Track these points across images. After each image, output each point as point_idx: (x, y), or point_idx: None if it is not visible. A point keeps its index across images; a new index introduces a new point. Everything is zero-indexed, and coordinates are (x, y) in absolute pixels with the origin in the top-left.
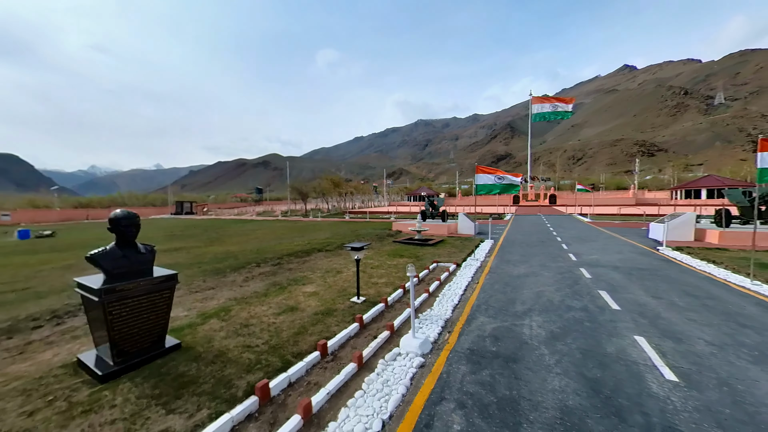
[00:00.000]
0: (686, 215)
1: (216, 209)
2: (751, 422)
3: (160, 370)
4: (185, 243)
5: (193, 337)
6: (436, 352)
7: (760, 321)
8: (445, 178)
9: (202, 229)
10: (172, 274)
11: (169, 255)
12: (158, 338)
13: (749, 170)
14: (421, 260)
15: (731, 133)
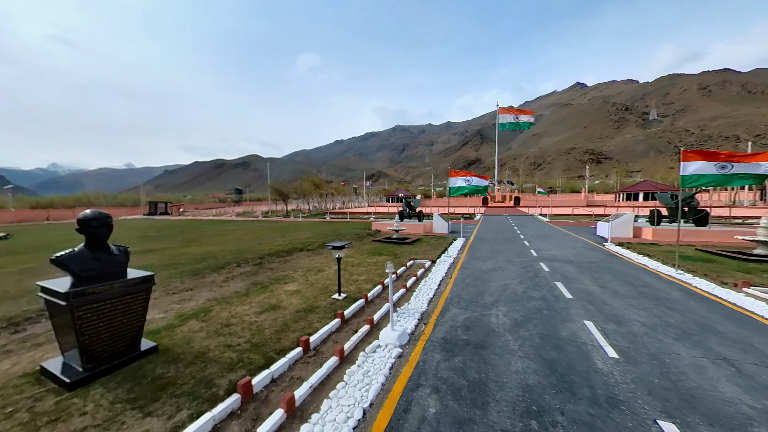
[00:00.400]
0: (626, 215)
1: (193, 210)
2: (674, 389)
3: (135, 374)
4: (160, 244)
5: (171, 339)
6: (413, 343)
7: (682, 304)
8: (421, 180)
9: (179, 230)
10: (148, 276)
11: (143, 256)
12: (133, 341)
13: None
14: (399, 258)
15: (662, 144)
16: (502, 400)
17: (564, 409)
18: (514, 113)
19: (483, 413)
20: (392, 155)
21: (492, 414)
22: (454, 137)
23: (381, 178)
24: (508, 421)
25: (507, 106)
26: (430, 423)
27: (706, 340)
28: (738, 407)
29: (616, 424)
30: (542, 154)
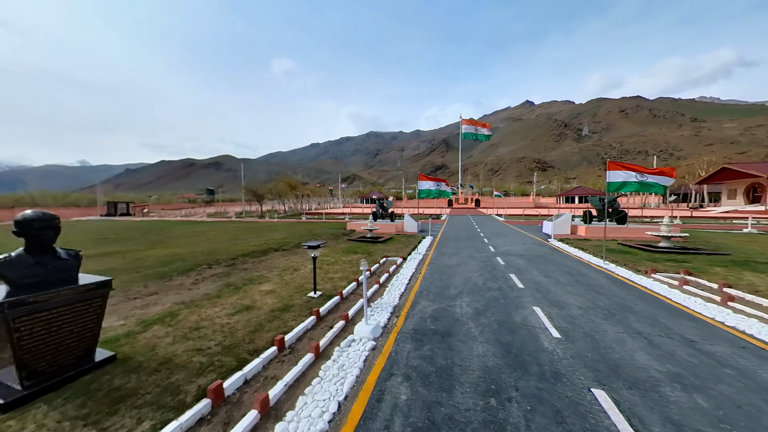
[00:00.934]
0: (565, 215)
1: (159, 210)
2: (603, 360)
3: (88, 387)
4: (120, 247)
5: (132, 346)
6: (385, 335)
7: (608, 289)
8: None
9: (142, 232)
10: (104, 281)
11: (100, 260)
12: (86, 352)
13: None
14: (372, 255)
15: (593, 156)
16: (466, 383)
17: (518, 385)
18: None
19: (449, 396)
20: (366, 159)
21: (457, 396)
22: (422, 144)
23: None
24: (471, 401)
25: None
26: (401, 409)
27: (626, 318)
28: (649, 372)
29: (559, 394)
30: (498, 161)
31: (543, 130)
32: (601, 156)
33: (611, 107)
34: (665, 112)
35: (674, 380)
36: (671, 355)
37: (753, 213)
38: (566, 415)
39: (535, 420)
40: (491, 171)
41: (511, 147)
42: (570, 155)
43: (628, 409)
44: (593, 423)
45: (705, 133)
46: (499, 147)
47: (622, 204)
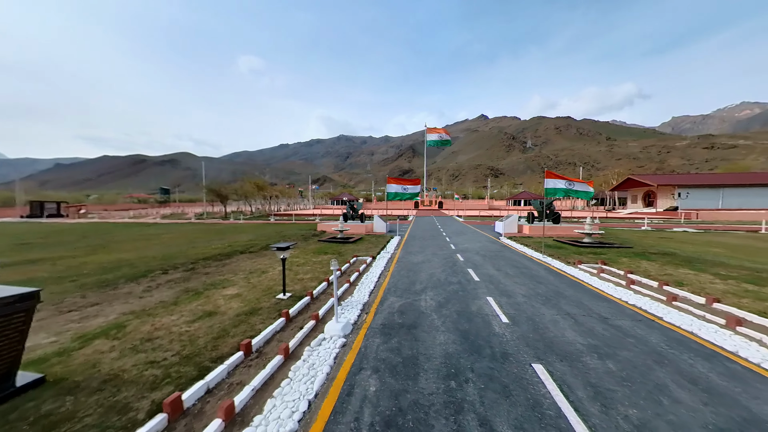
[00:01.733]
0: (513, 216)
1: (101, 211)
2: (541, 339)
3: (7, 417)
4: (50, 253)
5: (67, 366)
6: (356, 332)
7: (546, 279)
8: (364, 186)
9: (79, 235)
10: (29, 293)
11: (23, 269)
12: (4, 377)
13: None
14: (343, 255)
15: (535, 165)
16: (430, 369)
17: (473, 367)
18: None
19: (414, 383)
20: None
21: (422, 382)
22: (391, 149)
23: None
24: (434, 385)
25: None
26: (371, 400)
27: (559, 303)
28: (575, 346)
29: (507, 372)
30: (458, 167)
31: (495, 141)
32: (541, 166)
33: (549, 124)
34: (588, 131)
35: (593, 351)
36: (591, 330)
37: (648, 214)
38: (512, 388)
39: (487, 396)
40: (452, 176)
41: (469, 155)
42: (517, 164)
43: (559, 378)
44: (533, 393)
45: (616, 150)
46: (459, 155)
47: (558, 207)
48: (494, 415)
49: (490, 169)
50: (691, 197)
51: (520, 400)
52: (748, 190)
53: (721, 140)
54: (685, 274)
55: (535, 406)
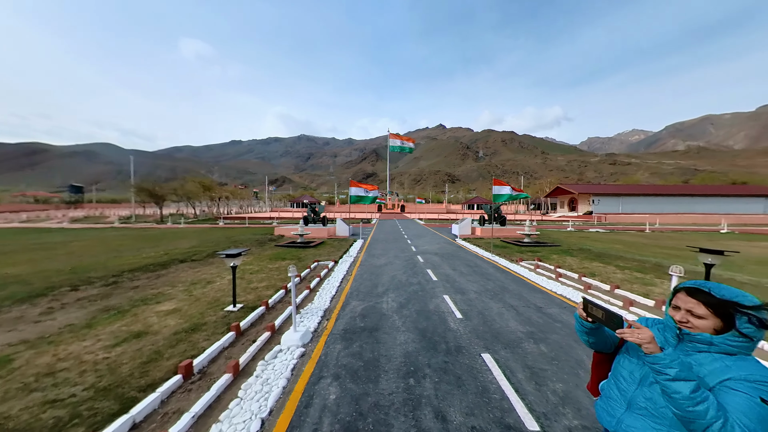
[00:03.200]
0: (467, 219)
1: None
2: (489, 331)
3: None
4: None
5: None
6: (316, 340)
7: (494, 276)
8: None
9: None
10: None
11: None
12: None
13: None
14: (303, 261)
15: (486, 173)
16: (390, 370)
17: (430, 362)
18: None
19: (375, 385)
20: (297, 162)
21: (383, 384)
22: (354, 152)
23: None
24: (394, 385)
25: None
26: (330, 409)
27: (504, 296)
28: (517, 334)
29: (460, 363)
30: (420, 173)
31: (452, 150)
32: (491, 173)
33: (496, 137)
34: (527, 144)
35: (530, 337)
36: (529, 319)
37: (572, 217)
38: (464, 378)
39: (442, 388)
40: (414, 181)
41: (429, 161)
42: (471, 171)
43: (503, 364)
44: (482, 380)
45: (548, 162)
46: (420, 161)
47: (504, 211)
48: (448, 406)
49: (447, 175)
50: (600, 204)
51: (470, 388)
52: (637, 198)
53: (620, 158)
54: (596, 267)
55: (483, 392)
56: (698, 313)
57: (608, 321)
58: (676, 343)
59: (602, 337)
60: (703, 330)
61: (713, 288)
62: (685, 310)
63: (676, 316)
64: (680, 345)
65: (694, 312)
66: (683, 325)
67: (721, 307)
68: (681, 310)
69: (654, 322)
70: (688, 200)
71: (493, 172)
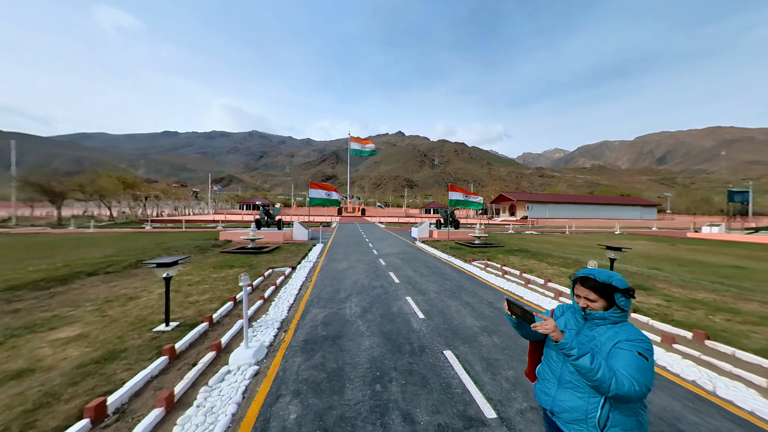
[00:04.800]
0: (425, 223)
1: None
2: (449, 328)
3: None
4: None
5: None
6: (272, 354)
7: (451, 276)
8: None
9: None
10: None
11: None
12: None
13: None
14: (256, 268)
15: (441, 180)
16: (356, 378)
17: (396, 365)
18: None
19: (340, 396)
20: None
21: (348, 393)
22: (313, 153)
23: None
24: (360, 393)
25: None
26: (290, 430)
27: (461, 295)
28: (473, 329)
29: (424, 363)
30: (380, 177)
31: (410, 157)
32: (445, 181)
33: (450, 147)
34: (476, 156)
35: (484, 331)
36: (482, 314)
37: (511, 221)
38: (429, 377)
39: (408, 390)
40: (374, 184)
41: (389, 166)
42: (428, 178)
43: (463, 358)
44: (445, 376)
45: (493, 173)
46: (381, 165)
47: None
48: (415, 407)
49: (406, 180)
50: (533, 210)
51: (435, 386)
52: (559, 205)
53: (546, 172)
54: (533, 264)
55: (446, 388)
56: (591, 298)
57: (524, 317)
58: (584, 322)
59: (529, 329)
60: (597, 309)
61: (597, 274)
62: (584, 298)
63: (579, 302)
64: (587, 323)
65: (589, 297)
66: (586, 308)
67: (603, 290)
68: (581, 297)
69: (568, 307)
70: (593, 208)
71: (447, 179)
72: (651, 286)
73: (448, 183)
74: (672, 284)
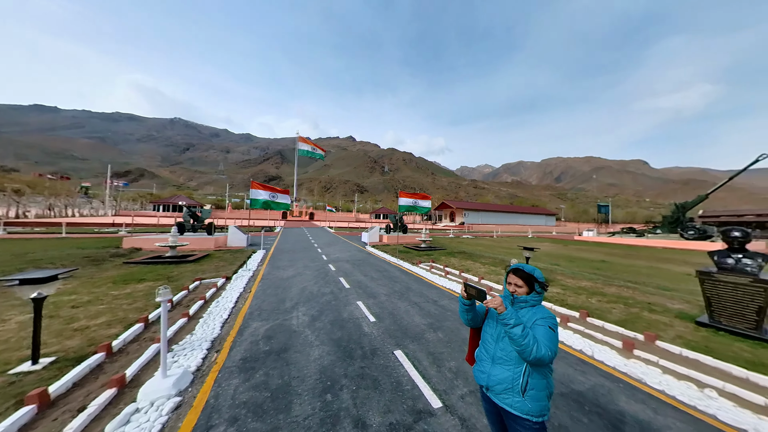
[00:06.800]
0: (375, 228)
1: None
2: (399, 329)
3: None
4: None
5: None
6: (199, 381)
7: (400, 278)
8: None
9: None
10: None
11: None
12: None
13: (396, 206)
14: (176, 280)
15: (392, 186)
16: (304, 392)
17: (347, 372)
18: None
19: (287, 414)
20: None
21: (296, 409)
22: (255, 150)
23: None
24: (309, 407)
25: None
26: None
27: (409, 295)
28: (420, 327)
29: (375, 365)
30: (330, 181)
31: (361, 162)
32: (395, 187)
33: (399, 156)
34: (422, 165)
35: (431, 328)
36: (428, 312)
37: (452, 227)
38: (380, 379)
39: (360, 395)
40: (324, 188)
41: (340, 170)
42: (378, 184)
43: (412, 356)
44: (396, 375)
45: (436, 182)
46: (331, 168)
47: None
48: (367, 411)
49: (356, 185)
50: (469, 216)
51: (386, 386)
52: (489, 213)
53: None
54: (470, 264)
55: (397, 387)
56: (519, 284)
57: (479, 295)
58: (511, 305)
59: (475, 314)
60: (522, 294)
61: (524, 267)
62: (513, 284)
63: (509, 288)
64: (514, 306)
65: (517, 284)
66: (514, 293)
67: (528, 279)
68: (511, 284)
69: (503, 295)
70: (513, 215)
71: (397, 186)
72: (552, 279)
73: (398, 189)
74: (566, 276)
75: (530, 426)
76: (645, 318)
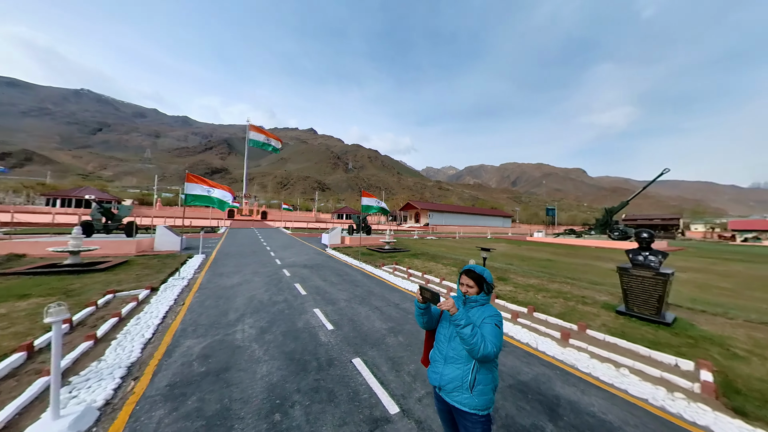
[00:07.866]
0: (337, 229)
1: None
2: (359, 335)
3: None
4: None
5: None
6: (109, 418)
7: (361, 282)
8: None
9: None
10: None
11: None
12: None
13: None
14: (79, 295)
15: (355, 185)
16: (248, 414)
17: (300, 387)
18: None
19: None
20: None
21: None
22: (194, 137)
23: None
24: (254, 431)
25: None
26: None
27: (370, 300)
28: (381, 332)
29: (332, 376)
30: (287, 176)
31: (323, 157)
32: (359, 186)
33: (364, 153)
34: (388, 164)
35: (391, 332)
36: (390, 316)
37: (416, 228)
38: (336, 390)
39: (313, 409)
40: (280, 184)
41: (298, 165)
42: (341, 182)
43: (371, 363)
44: (353, 384)
45: (402, 182)
46: (288, 162)
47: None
48: (321, 426)
49: (317, 182)
50: (433, 217)
51: (343, 398)
52: (451, 214)
53: (444, 185)
54: (432, 266)
55: (354, 397)
56: (471, 284)
57: (433, 298)
58: (463, 305)
59: (430, 317)
60: (473, 294)
61: (475, 269)
62: (465, 285)
63: (462, 288)
64: (465, 305)
65: (469, 285)
66: (466, 293)
67: (478, 280)
68: (464, 285)
69: (455, 297)
70: (474, 217)
71: (361, 184)
72: (506, 277)
73: (362, 188)
74: (518, 275)
75: (477, 420)
76: (579, 310)
